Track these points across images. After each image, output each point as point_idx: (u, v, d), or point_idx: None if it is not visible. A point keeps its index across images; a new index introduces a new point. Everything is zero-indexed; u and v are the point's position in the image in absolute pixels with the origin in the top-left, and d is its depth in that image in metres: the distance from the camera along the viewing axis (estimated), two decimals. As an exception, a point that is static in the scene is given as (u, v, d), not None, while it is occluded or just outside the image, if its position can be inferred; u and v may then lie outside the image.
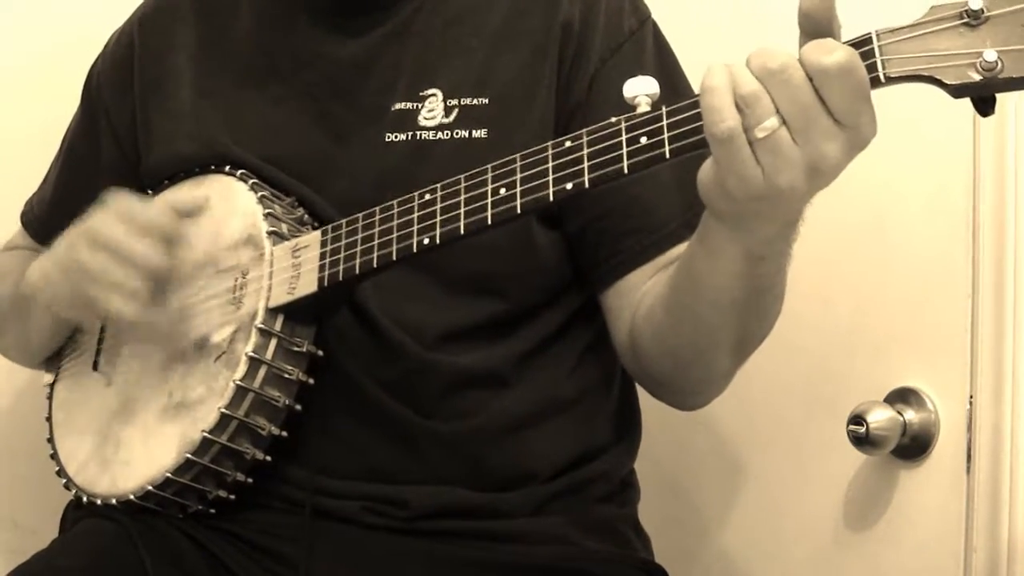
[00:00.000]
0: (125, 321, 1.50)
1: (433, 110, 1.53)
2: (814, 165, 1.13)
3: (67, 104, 1.81)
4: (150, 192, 1.65)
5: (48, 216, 1.80)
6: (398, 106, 1.55)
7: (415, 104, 1.54)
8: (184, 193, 1.55)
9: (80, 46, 1.85)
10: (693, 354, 1.45)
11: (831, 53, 1.09)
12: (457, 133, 1.52)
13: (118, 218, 1.48)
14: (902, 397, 1.71)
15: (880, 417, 1.67)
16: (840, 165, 1.14)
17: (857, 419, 1.67)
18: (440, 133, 1.52)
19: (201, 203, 1.53)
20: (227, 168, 1.59)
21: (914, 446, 1.69)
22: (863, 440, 1.66)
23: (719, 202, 1.21)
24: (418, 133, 1.53)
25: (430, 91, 1.55)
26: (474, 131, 1.52)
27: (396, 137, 1.53)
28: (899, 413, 1.69)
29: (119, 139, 1.72)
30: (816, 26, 1.12)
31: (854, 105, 1.10)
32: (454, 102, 1.53)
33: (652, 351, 1.49)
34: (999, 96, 1.10)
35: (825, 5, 1.12)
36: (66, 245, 1.53)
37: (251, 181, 1.55)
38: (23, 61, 2.12)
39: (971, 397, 1.66)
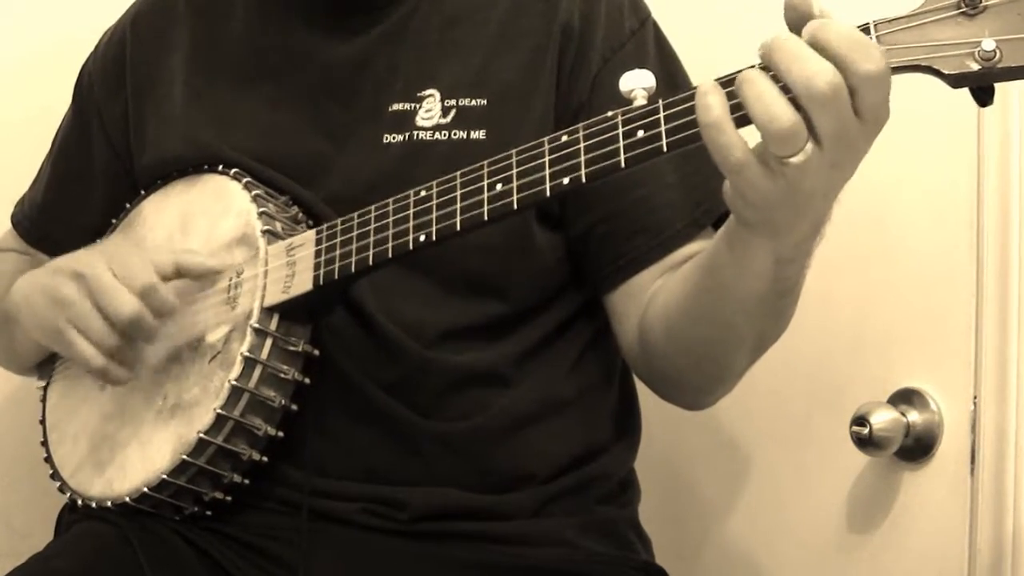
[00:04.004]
0: (87, 368, 1.50)
1: (431, 111, 1.52)
2: (836, 163, 1.12)
3: (59, 103, 1.81)
4: (143, 192, 1.66)
5: (39, 217, 1.81)
6: (395, 107, 1.54)
7: (412, 105, 1.53)
8: (198, 258, 1.52)
9: (74, 44, 1.84)
10: (711, 352, 1.44)
11: (871, 58, 1.06)
12: (455, 134, 1.51)
13: (108, 265, 1.47)
14: (905, 398, 1.70)
15: (883, 418, 1.66)
16: (861, 158, 1.14)
17: (860, 420, 1.66)
18: (438, 134, 1.51)
19: (213, 271, 1.52)
20: (220, 167, 1.58)
21: (917, 447, 1.68)
22: (866, 441, 1.65)
23: (744, 212, 1.19)
24: (415, 134, 1.52)
25: (427, 92, 1.54)
26: (472, 132, 1.51)
27: (393, 138, 1.53)
28: (902, 414, 1.68)
29: (111, 139, 1.72)
30: (799, 18, 1.10)
31: (884, 102, 1.09)
32: (452, 103, 1.53)
33: (667, 350, 1.47)
34: (1004, 91, 1.09)
35: (803, 10, 1.10)
36: (53, 273, 1.53)
37: (245, 180, 1.54)
38: (15, 59, 2.12)
39: (975, 398, 1.65)
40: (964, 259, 1.66)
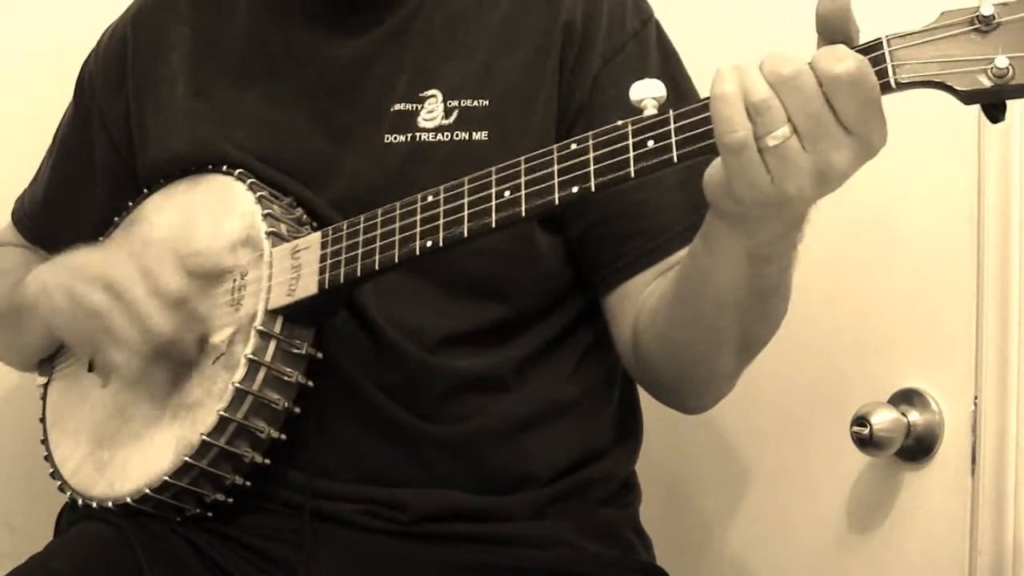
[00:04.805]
0: (120, 376, 1.50)
1: (433, 111, 1.52)
2: (822, 172, 1.12)
3: (60, 102, 1.80)
4: (146, 191, 1.65)
5: (40, 215, 1.80)
6: (397, 107, 1.53)
7: (414, 105, 1.53)
8: (211, 259, 1.52)
9: (75, 42, 1.83)
10: (697, 355, 1.44)
11: (841, 61, 1.08)
12: (457, 135, 1.50)
13: (140, 272, 1.45)
14: (906, 398, 1.70)
15: (884, 418, 1.66)
16: (848, 173, 1.14)
17: (861, 420, 1.66)
18: (440, 135, 1.51)
19: (229, 272, 1.51)
20: (224, 167, 1.57)
21: (918, 448, 1.69)
22: (867, 442, 1.65)
23: (725, 204, 1.20)
24: (417, 135, 1.51)
25: (430, 92, 1.53)
26: (474, 133, 1.50)
27: (395, 138, 1.52)
28: (903, 414, 1.68)
29: (112, 138, 1.71)
30: (831, 29, 1.11)
31: (864, 114, 1.10)
32: (454, 103, 1.52)
33: (655, 353, 1.48)
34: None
35: (840, 8, 1.11)
36: (75, 276, 1.50)
37: (249, 181, 1.54)
38: (17, 58, 2.11)
39: (976, 398, 1.65)
40: (965, 260, 1.66)
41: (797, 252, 1.30)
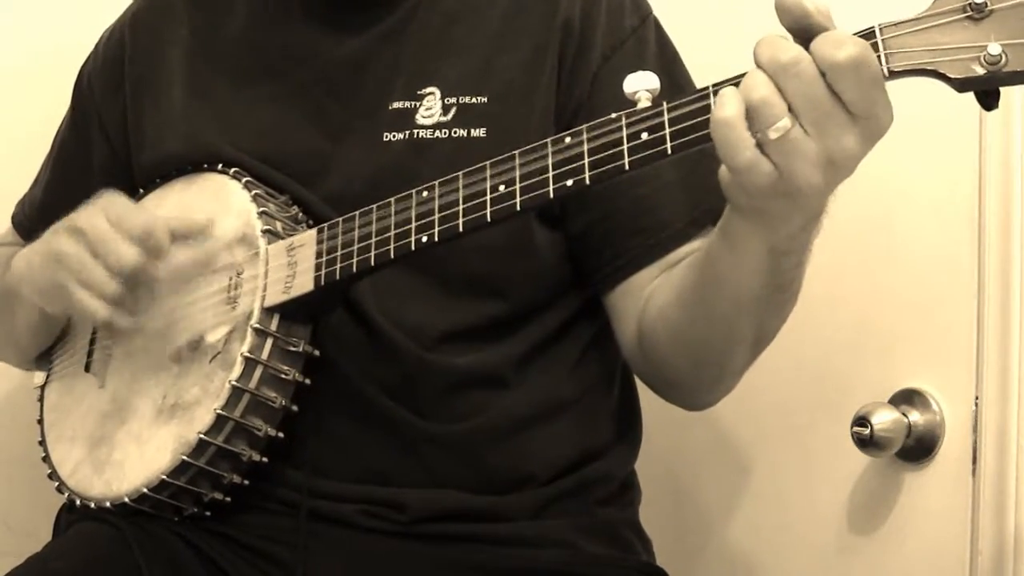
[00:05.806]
0: (93, 319, 1.50)
1: (431, 108, 1.52)
2: (830, 158, 1.11)
3: (60, 104, 1.80)
4: (142, 191, 1.65)
5: (39, 217, 1.78)
6: (395, 105, 1.53)
7: (413, 103, 1.53)
8: (184, 219, 1.52)
9: (74, 45, 1.84)
10: (710, 351, 1.44)
11: (841, 47, 1.07)
12: (455, 132, 1.50)
13: (105, 216, 1.46)
14: (907, 398, 1.69)
15: (885, 419, 1.65)
16: (858, 156, 1.13)
17: (861, 420, 1.65)
18: (438, 132, 1.51)
19: (200, 229, 1.51)
20: (220, 166, 1.57)
21: (919, 448, 1.68)
22: (867, 442, 1.65)
23: (740, 199, 1.20)
24: (416, 132, 1.51)
25: (428, 89, 1.53)
26: (473, 130, 1.50)
27: (394, 136, 1.52)
28: (904, 415, 1.67)
29: (110, 139, 1.71)
30: (792, 20, 1.11)
31: (869, 96, 1.09)
32: (452, 100, 1.52)
33: (666, 350, 1.47)
34: (1006, 93, 1.09)
35: (795, 9, 1.11)
36: (52, 233, 1.53)
37: (244, 179, 1.54)
38: (16, 60, 2.11)
39: (977, 399, 1.64)
40: (966, 259, 1.66)
41: (812, 245, 1.29)
